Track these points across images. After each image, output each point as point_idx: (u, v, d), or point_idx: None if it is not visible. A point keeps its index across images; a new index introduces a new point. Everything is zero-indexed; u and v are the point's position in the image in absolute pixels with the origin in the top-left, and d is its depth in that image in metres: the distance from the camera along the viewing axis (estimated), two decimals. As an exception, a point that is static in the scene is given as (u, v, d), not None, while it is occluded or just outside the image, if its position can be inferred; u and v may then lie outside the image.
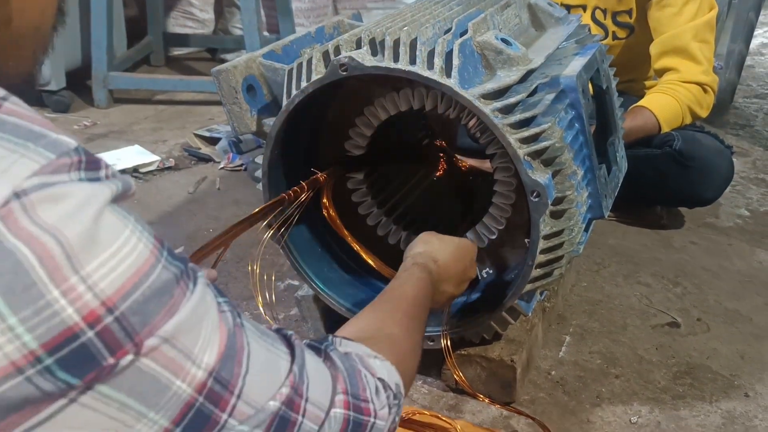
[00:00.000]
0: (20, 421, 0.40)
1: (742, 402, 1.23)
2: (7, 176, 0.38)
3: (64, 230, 0.39)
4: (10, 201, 0.38)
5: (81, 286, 0.40)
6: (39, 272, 0.39)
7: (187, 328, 0.45)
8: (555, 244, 1.02)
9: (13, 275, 0.38)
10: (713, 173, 1.72)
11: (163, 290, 0.44)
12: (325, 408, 0.56)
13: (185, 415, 0.46)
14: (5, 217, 0.38)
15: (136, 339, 0.42)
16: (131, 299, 0.42)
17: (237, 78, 1.10)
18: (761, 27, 3.96)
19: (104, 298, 0.41)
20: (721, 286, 1.58)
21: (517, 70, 0.97)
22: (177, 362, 0.45)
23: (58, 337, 0.39)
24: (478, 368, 1.21)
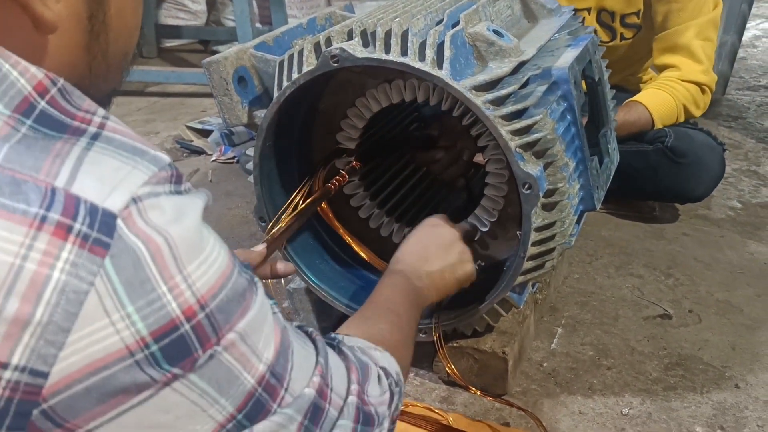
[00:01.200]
0: (122, 402, 0.45)
1: (733, 393, 1.23)
2: (125, 184, 0.44)
3: (171, 232, 0.45)
4: (129, 205, 0.44)
5: (183, 284, 0.46)
6: (152, 268, 0.44)
7: (254, 327, 0.51)
8: (547, 236, 1.02)
9: (133, 269, 0.44)
10: (704, 170, 1.72)
11: (240, 293, 0.50)
12: (344, 396, 0.61)
13: (247, 404, 0.51)
14: (126, 218, 0.44)
15: (219, 334, 0.48)
16: (218, 299, 0.48)
17: (228, 69, 1.09)
18: (754, 19, 3.96)
19: (199, 296, 0.47)
20: (712, 278, 1.59)
21: (509, 61, 0.97)
22: (246, 356, 0.51)
23: (163, 327, 0.45)
24: (470, 360, 1.21)
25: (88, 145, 0.45)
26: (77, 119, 0.47)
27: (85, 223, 0.42)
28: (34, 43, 0.49)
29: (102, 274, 0.43)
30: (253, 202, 1.22)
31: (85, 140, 0.45)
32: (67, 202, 0.42)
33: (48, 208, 0.42)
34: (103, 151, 0.45)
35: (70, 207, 0.42)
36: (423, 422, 1.13)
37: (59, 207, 0.42)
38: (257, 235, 1.75)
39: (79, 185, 0.43)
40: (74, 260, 0.42)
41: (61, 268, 0.42)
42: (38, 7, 0.47)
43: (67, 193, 0.43)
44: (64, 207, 0.42)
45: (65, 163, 0.43)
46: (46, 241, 0.42)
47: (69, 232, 0.42)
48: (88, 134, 0.46)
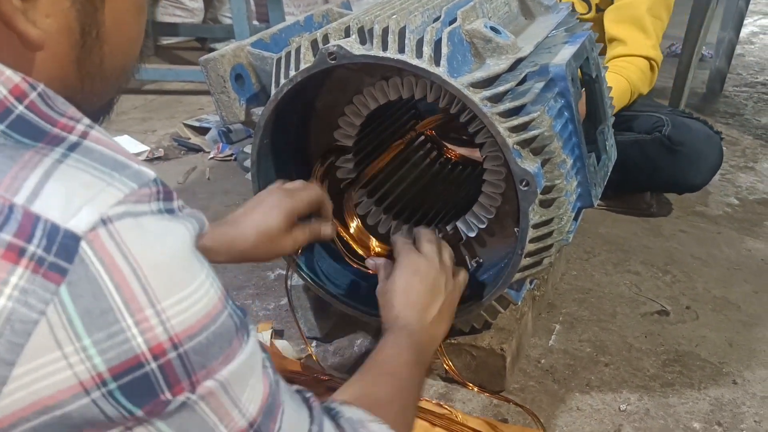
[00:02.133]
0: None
1: (731, 389, 1.23)
2: (95, 202, 0.40)
3: (146, 260, 0.41)
4: (97, 227, 0.40)
5: (154, 318, 0.42)
6: (116, 298, 0.40)
7: (239, 377, 0.47)
8: (544, 233, 1.02)
9: (93, 299, 0.40)
10: (702, 159, 1.73)
11: (224, 337, 0.46)
12: None
13: None
14: (91, 241, 0.40)
15: (193, 378, 0.44)
16: (196, 340, 0.44)
17: (225, 67, 1.09)
18: (751, 15, 3.96)
19: (173, 334, 0.42)
20: (710, 274, 1.59)
21: (507, 58, 0.97)
22: (225, 409, 0.46)
23: (124, 363, 0.41)
24: (467, 357, 1.21)
25: (63, 156, 0.41)
26: (58, 125, 0.43)
27: (40, 245, 0.39)
28: (21, 57, 0.46)
29: (56, 303, 0.39)
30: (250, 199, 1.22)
31: (61, 150, 0.42)
32: (23, 220, 0.39)
33: (0, 227, 0.38)
34: (77, 164, 0.42)
35: (26, 226, 0.39)
36: (431, 416, 1.14)
37: (13, 226, 0.38)
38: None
39: (42, 202, 0.39)
40: (24, 286, 0.38)
41: (9, 294, 0.38)
42: (21, 25, 0.44)
43: (26, 211, 0.39)
44: (19, 226, 0.38)
45: (30, 176, 0.40)
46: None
47: (21, 255, 0.38)
48: (66, 143, 0.43)
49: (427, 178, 1.42)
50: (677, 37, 2.99)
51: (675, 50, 3.25)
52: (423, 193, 1.36)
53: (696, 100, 2.77)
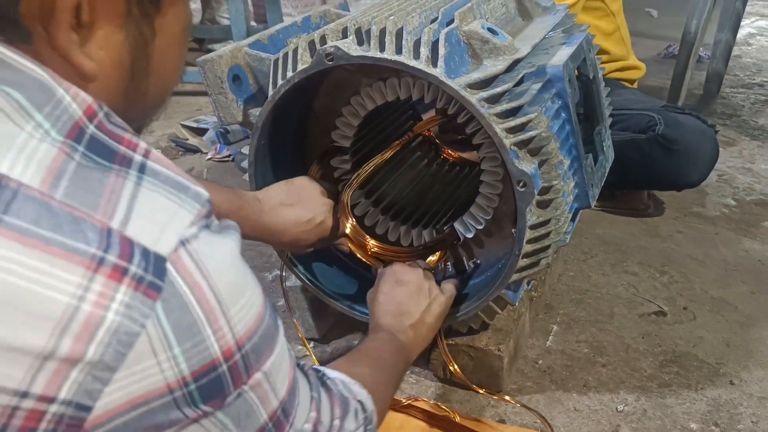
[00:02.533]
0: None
1: (728, 389, 1.24)
2: (173, 225, 0.46)
3: (217, 277, 0.47)
4: (178, 248, 0.45)
5: (226, 326, 0.47)
6: (199, 312, 0.46)
7: (277, 366, 0.54)
8: (542, 234, 1.02)
9: (181, 313, 0.45)
10: (698, 155, 1.73)
11: (269, 334, 0.52)
12: (328, 428, 0.63)
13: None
14: (175, 261, 0.45)
15: (250, 372, 0.50)
16: (253, 340, 0.50)
17: (222, 68, 1.09)
18: (748, 17, 3.97)
19: (238, 337, 0.48)
20: (707, 275, 1.59)
21: (504, 59, 0.97)
22: (266, 394, 0.53)
23: (204, 367, 0.47)
24: (465, 358, 1.21)
25: (138, 179, 0.46)
26: (124, 143, 0.48)
27: (140, 266, 0.44)
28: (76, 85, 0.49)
29: (153, 317, 0.44)
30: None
31: (135, 173, 0.46)
32: (122, 244, 0.43)
33: (106, 249, 0.43)
34: (152, 186, 0.46)
35: (125, 250, 0.43)
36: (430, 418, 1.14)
37: (116, 249, 0.43)
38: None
39: (133, 227, 0.44)
40: (128, 302, 0.43)
41: (116, 309, 0.43)
42: (77, 58, 0.48)
43: (122, 236, 0.44)
44: (120, 249, 0.43)
45: (120, 201, 0.45)
46: (103, 282, 0.43)
47: (125, 275, 0.43)
48: (135, 165, 0.47)
49: (424, 179, 1.42)
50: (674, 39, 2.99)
51: (672, 51, 3.26)
52: (420, 194, 1.36)
53: (693, 101, 2.77)
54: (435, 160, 1.48)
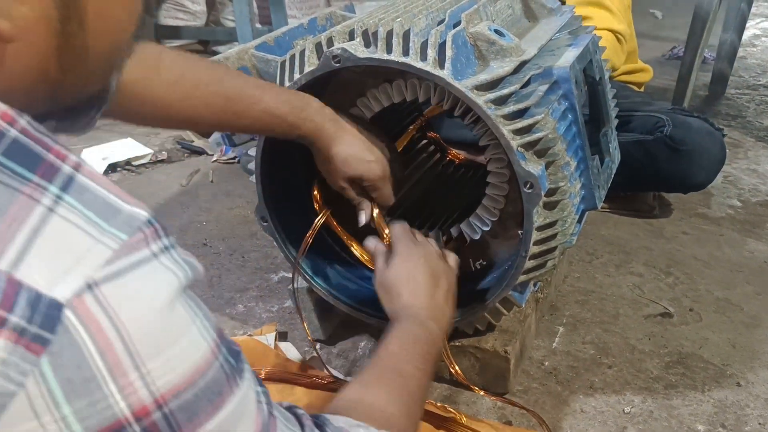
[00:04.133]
0: None
1: (734, 391, 1.23)
2: (81, 266, 0.39)
3: (130, 327, 0.40)
4: (82, 293, 0.39)
5: (138, 381, 0.40)
6: (100, 365, 0.39)
7: (227, 424, 0.46)
8: (548, 235, 1.02)
9: (75, 368, 0.38)
10: (705, 157, 1.72)
11: (213, 389, 0.44)
12: None
13: None
14: (76, 307, 0.38)
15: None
16: (183, 397, 0.42)
17: (229, 70, 1.09)
18: (753, 18, 3.97)
19: (158, 395, 0.41)
20: (712, 276, 1.59)
21: (510, 61, 0.97)
22: None
23: (105, 429, 0.40)
24: (471, 359, 1.21)
25: (55, 202, 0.40)
26: (53, 151, 0.41)
27: (24, 316, 0.37)
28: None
29: (36, 374, 0.37)
30: (253, 202, 1.22)
31: (54, 193, 0.40)
32: (7, 289, 0.37)
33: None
34: (68, 213, 0.40)
35: (9, 296, 0.37)
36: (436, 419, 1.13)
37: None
38: (258, 234, 1.75)
39: (27, 267, 0.37)
40: (4, 358, 0.37)
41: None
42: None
43: (10, 279, 0.37)
44: (2, 295, 0.37)
45: (17, 236, 0.38)
46: None
47: (2, 326, 0.37)
48: (60, 178, 0.41)
49: (430, 180, 1.42)
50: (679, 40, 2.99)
51: (678, 52, 3.25)
52: (426, 195, 1.37)
53: (698, 102, 2.77)
54: (441, 162, 1.48)
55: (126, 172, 2.19)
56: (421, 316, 0.92)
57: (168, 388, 0.42)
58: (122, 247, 0.41)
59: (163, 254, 0.43)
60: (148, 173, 2.20)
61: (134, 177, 2.16)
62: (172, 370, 0.42)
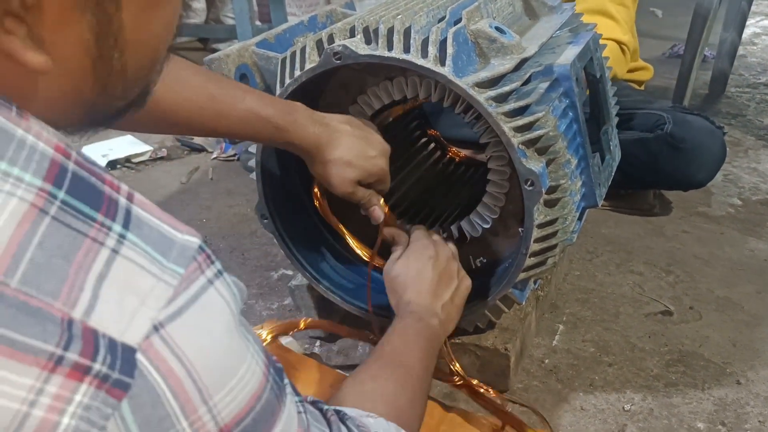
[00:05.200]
0: None
1: (734, 389, 1.23)
2: (146, 307, 0.40)
3: (196, 363, 0.41)
4: (150, 335, 0.40)
5: (207, 415, 0.42)
6: (173, 404, 0.41)
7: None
8: (549, 233, 1.02)
9: (152, 408, 0.40)
10: (705, 154, 1.72)
11: (268, 412, 0.47)
12: None
13: None
14: (146, 350, 0.39)
15: None
16: (243, 424, 0.44)
17: (230, 67, 1.09)
18: (753, 16, 3.96)
19: (222, 425, 0.43)
20: (712, 275, 1.59)
21: (511, 58, 0.97)
22: None
23: None
24: (472, 357, 1.21)
25: (118, 242, 0.40)
26: (107, 183, 0.41)
27: (105, 362, 0.38)
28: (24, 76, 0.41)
29: (116, 417, 0.39)
30: (253, 199, 1.22)
31: (117, 232, 0.40)
32: (85, 338, 0.38)
33: (66, 346, 0.37)
34: (130, 252, 0.40)
35: (89, 344, 0.38)
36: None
37: (78, 345, 0.37)
38: (258, 232, 1.75)
39: (98, 315, 0.38)
40: (88, 403, 0.38)
41: (72, 412, 0.37)
42: (23, 55, 0.39)
43: (85, 327, 0.38)
44: (83, 345, 0.37)
45: (86, 284, 0.38)
46: (60, 383, 0.37)
47: (87, 374, 0.37)
48: (121, 213, 0.41)
49: (431, 178, 1.42)
50: (680, 39, 2.99)
51: (677, 51, 3.25)
52: (427, 193, 1.36)
53: (698, 101, 2.76)
54: (441, 160, 1.48)
55: (125, 170, 2.19)
56: (424, 314, 0.94)
57: (231, 417, 0.43)
58: (181, 282, 0.42)
59: (217, 279, 0.44)
60: (147, 171, 2.19)
61: (134, 174, 2.16)
62: (234, 399, 0.44)
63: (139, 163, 2.22)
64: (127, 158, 2.21)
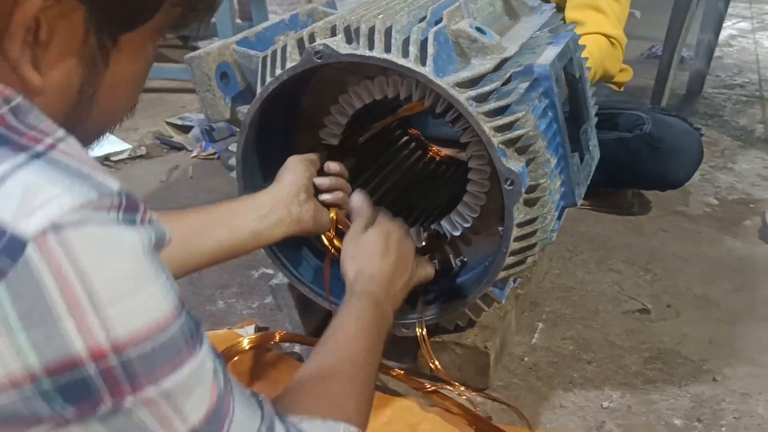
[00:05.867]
0: None
1: (711, 386, 1.25)
2: (47, 207, 0.41)
3: (91, 272, 0.42)
4: (46, 232, 0.40)
5: (96, 324, 0.42)
6: (57, 302, 0.41)
7: (184, 386, 0.48)
8: (528, 232, 1.03)
9: (32, 300, 0.40)
10: (683, 155, 1.75)
11: (172, 348, 0.46)
12: None
13: None
14: (40, 246, 0.40)
15: (135, 385, 0.44)
16: (140, 348, 0.44)
17: (210, 65, 1.09)
18: (730, 18, 4.01)
19: (115, 340, 0.43)
20: (690, 273, 1.61)
21: (492, 58, 0.97)
22: (166, 415, 0.47)
23: (60, 362, 0.41)
24: (452, 355, 1.22)
25: (24, 162, 0.42)
26: (26, 137, 0.44)
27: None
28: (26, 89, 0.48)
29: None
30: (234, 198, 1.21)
31: (24, 157, 0.42)
32: None
33: None
34: (37, 171, 0.42)
35: None
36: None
37: None
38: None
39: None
40: None
41: None
42: (26, 73, 0.47)
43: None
44: None
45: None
46: None
47: None
48: (30, 152, 0.43)
49: (411, 177, 1.42)
50: (658, 39, 3.02)
51: (656, 52, 3.28)
52: (408, 192, 1.37)
53: (676, 101, 2.79)
54: (422, 159, 1.48)
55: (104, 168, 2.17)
56: (380, 296, 0.95)
57: (126, 335, 0.43)
58: (90, 202, 0.42)
59: (129, 222, 0.45)
60: (127, 169, 2.18)
61: (113, 173, 2.14)
62: (132, 318, 0.44)
63: (119, 161, 2.20)
64: (107, 156, 2.19)
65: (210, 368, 0.51)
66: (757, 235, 1.78)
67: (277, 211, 1.01)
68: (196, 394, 0.49)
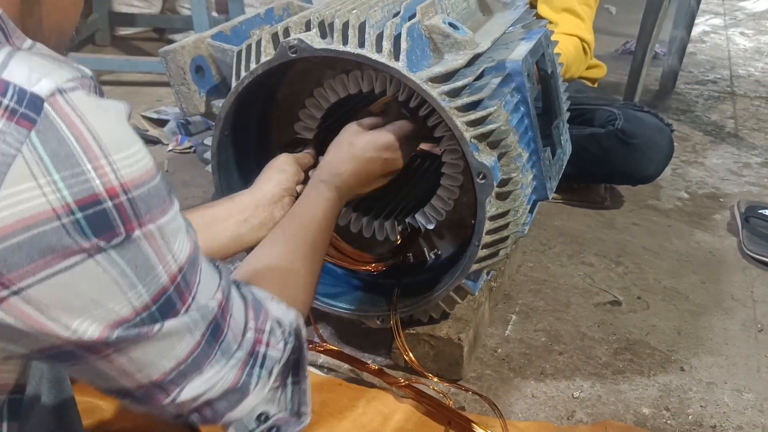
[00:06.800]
0: (51, 263, 0.48)
1: (678, 375, 1.28)
2: (53, 76, 0.48)
3: (95, 125, 0.49)
4: (55, 93, 0.48)
5: (107, 166, 0.49)
6: (77, 147, 0.48)
7: (172, 228, 0.55)
8: (500, 225, 1.04)
9: (58, 145, 0.47)
10: (654, 150, 1.78)
11: (161, 193, 0.54)
12: (242, 329, 0.64)
13: (160, 297, 0.55)
14: (52, 103, 0.48)
15: (140, 220, 0.52)
16: (140, 190, 0.51)
17: (185, 59, 1.09)
18: (702, 15, 4.06)
19: (123, 181, 0.50)
20: (660, 266, 1.64)
21: (464, 53, 0.99)
22: (162, 252, 0.54)
23: (87, 198, 0.48)
24: (426, 346, 1.23)
25: (15, 50, 0.49)
26: (8, 42, 0.51)
27: (12, 100, 0.46)
28: None
29: (28, 143, 0.46)
30: (210, 191, 1.22)
31: (10, 48, 0.49)
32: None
33: None
34: (30, 56, 0.49)
35: (1, 87, 0.46)
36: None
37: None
38: (215, 225, 1.74)
39: (9, 72, 0.47)
40: (2, 129, 0.46)
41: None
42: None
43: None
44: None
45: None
46: None
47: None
48: (15, 47, 0.50)
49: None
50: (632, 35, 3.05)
51: (630, 48, 3.32)
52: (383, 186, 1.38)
53: (649, 97, 2.83)
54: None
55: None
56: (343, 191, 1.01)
57: (130, 178, 0.50)
58: (77, 78, 0.50)
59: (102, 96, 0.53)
60: (102, 163, 2.16)
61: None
62: (130, 165, 0.50)
63: (93, 155, 2.19)
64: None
65: (183, 222, 0.58)
66: (725, 229, 1.82)
67: (258, 216, 1.01)
68: (180, 238, 0.56)
